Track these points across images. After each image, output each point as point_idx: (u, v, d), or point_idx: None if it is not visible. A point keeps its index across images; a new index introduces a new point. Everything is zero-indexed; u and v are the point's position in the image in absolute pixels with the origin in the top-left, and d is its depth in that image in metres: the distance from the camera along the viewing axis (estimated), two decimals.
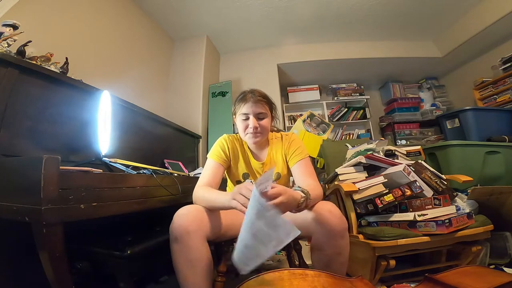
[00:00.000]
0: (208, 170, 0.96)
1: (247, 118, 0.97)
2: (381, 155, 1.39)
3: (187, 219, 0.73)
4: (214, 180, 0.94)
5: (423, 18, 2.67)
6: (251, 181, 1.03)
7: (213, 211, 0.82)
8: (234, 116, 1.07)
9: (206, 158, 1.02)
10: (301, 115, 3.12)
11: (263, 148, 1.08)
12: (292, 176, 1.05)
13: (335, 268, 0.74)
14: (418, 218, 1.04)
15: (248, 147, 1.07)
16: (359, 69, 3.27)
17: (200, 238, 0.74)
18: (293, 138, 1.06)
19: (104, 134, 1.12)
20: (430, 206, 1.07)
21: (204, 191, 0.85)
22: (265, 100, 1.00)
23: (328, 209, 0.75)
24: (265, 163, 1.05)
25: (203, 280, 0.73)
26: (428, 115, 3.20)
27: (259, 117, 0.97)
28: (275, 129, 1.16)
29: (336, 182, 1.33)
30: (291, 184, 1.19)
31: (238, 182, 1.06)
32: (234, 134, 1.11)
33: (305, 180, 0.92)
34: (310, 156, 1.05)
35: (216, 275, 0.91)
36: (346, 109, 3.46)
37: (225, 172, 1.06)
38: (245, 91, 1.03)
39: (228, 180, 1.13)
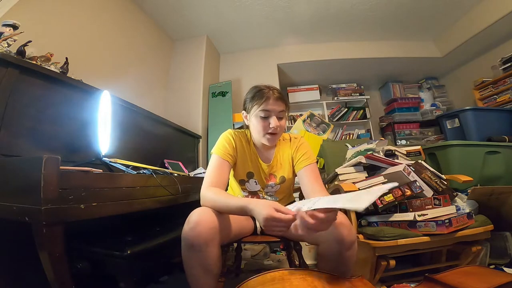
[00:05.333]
0: (214, 168, 0.89)
1: (268, 116, 0.90)
2: (381, 155, 1.39)
3: (205, 228, 0.69)
4: (221, 179, 0.88)
5: (423, 18, 2.67)
6: (255, 181, 1.01)
7: (224, 215, 0.79)
8: (244, 113, 0.99)
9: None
10: (301, 115, 3.12)
11: (270, 148, 1.03)
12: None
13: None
14: (418, 218, 1.04)
15: (255, 146, 1.02)
16: (359, 69, 3.27)
17: (217, 246, 0.73)
18: (301, 142, 1.03)
19: (104, 134, 1.12)
20: (430, 206, 1.07)
21: (216, 195, 0.78)
22: (284, 98, 0.94)
23: (339, 221, 0.72)
24: (271, 164, 1.01)
25: (215, 281, 0.76)
26: (428, 115, 3.20)
27: (279, 116, 0.92)
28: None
29: (336, 182, 1.33)
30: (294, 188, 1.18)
31: (242, 181, 1.02)
32: (240, 130, 1.05)
33: (313, 187, 0.90)
34: None
35: None
36: (346, 109, 3.46)
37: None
38: (261, 87, 0.94)
39: (231, 181, 1.08)
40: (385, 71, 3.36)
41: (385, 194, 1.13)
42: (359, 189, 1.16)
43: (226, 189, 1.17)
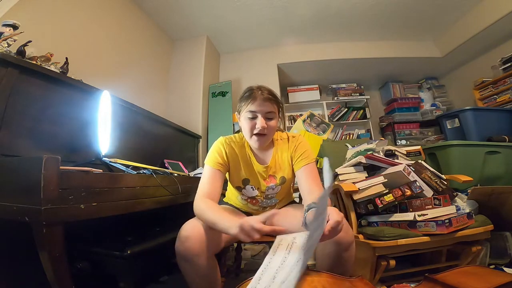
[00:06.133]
0: (206, 179, 0.90)
1: (255, 117, 0.89)
2: (381, 155, 1.39)
3: (194, 242, 0.71)
4: (214, 189, 0.88)
5: (423, 18, 2.67)
6: (252, 187, 1.00)
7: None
8: (237, 115, 0.98)
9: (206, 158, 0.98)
10: (301, 115, 3.12)
11: (267, 149, 1.00)
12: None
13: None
14: (418, 218, 1.04)
15: (250, 149, 0.99)
16: (359, 69, 3.27)
17: (209, 256, 0.75)
18: (300, 141, 1.00)
19: (104, 134, 1.12)
20: (430, 206, 1.07)
21: (205, 208, 0.78)
22: (274, 99, 0.91)
23: None
24: (269, 166, 0.98)
25: (217, 286, 0.79)
26: (428, 115, 3.20)
27: (267, 116, 0.90)
28: (280, 129, 1.07)
29: (336, 182, 1.33)
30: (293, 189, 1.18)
31: (238, 188, 1.01)
32: (232, 136, 1.02)
33: (310, 187, 0.89)
34: None
35: None
36: (346, 109, 3.46)
37: (227, 175, 1.02)
38: (252, 87, 0.93)
39: (229, 184, 1.07)
40: (385, 71, 3.36)
41: (385, 194, 1.13)
42: (359, 189, 1.15)
43: (224, 195, 1.16)
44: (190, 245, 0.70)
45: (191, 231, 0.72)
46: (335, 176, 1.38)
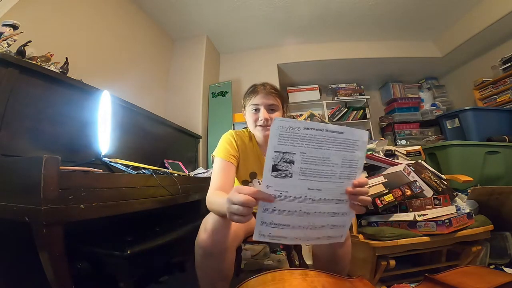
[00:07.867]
0: (218, 171, 0.87)
1: (258, 110, 0.92)
2: (381, 155, 1.39)
3: (223, 235, 0.68)
4: (227, 182, 0.85)
5: (423, 18, 2.67)
6: (258, 181, 0.98)
7: None
8: (243, 110, 1.01)
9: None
10: (301, 115, 3.12)
11: None
12: None
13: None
14: (418, 218, 1.04)
15: (258, 143, 1.01)
16: (359, 69, 3.27)
17: (235, 249, 0.73)
18: None
19: (104, 134, 1.12)
20: (430, 206, 1.07)
21: (212, 198, 0.73)
22: (276, 93, 0.95)
23: None
24: None
25: (228, 284, 0.76)
26: (428, 115, 3.20)
27: (270, 108, 0.92)
28: None
29: None
30: None
31: (245, 182, 1.00)
32: (240, 130, 1.04)
33: None
34: None
35: None
36: (346, 109, 3.46)
37: None
38: (256, 84, 0.98)
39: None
40: (385, 71, 3.36)
41: (385, 194, 1.13)
42: None
43: None
44: (219, 238, 0.67)
45: (220, 224, 0.66)
46: None
